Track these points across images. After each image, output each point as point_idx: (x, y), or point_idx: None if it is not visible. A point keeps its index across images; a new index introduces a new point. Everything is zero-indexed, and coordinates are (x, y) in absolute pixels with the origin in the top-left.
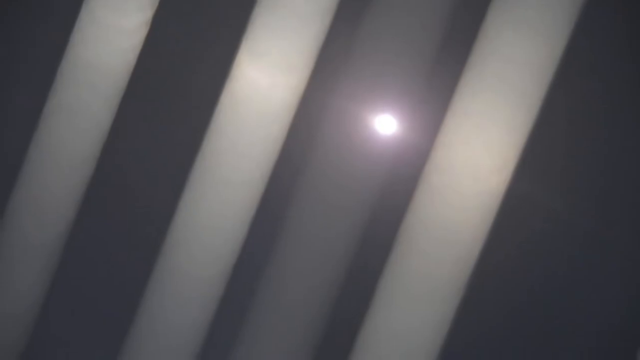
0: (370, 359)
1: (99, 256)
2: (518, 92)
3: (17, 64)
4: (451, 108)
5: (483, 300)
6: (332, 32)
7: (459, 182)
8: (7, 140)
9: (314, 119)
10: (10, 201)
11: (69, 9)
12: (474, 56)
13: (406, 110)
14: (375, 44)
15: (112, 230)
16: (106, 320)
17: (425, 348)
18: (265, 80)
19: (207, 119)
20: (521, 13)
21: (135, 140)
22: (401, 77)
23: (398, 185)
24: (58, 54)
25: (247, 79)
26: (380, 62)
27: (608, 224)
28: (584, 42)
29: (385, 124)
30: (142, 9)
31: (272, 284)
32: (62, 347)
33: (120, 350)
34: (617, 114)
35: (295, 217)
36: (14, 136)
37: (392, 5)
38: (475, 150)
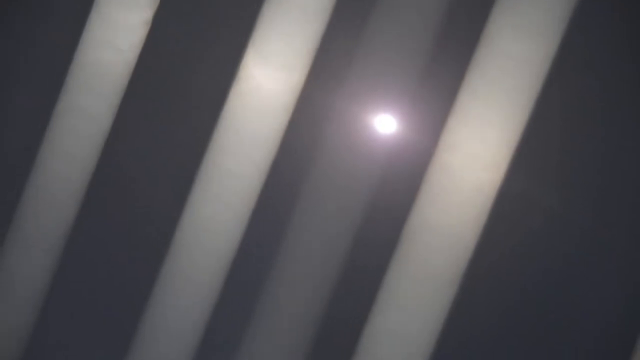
0: (371, 359)
1: (103, 257)
2: (518, 90)
3: (24, 64)
4: (453, 107)
5: (485, 299)
6: (336, 32)
7: (461, 181)
8: (12, 142)
9: (318, 120)
10: (17, 202)
11: (76, 10)
12: (476, 55)
13: (410, 110)
14: (378, 44)
15: (117, 231)
16: (106, 323)
17: (426, 348)
18: (270, 80)
19: (213, 119)
20: (521, 12)
21: (140, 141)
22: (403, 77)
23: (401, 184)
24: (66, 55)
25: (252, 79)
26: (384, 62)
27: (605, 222)
28: (580, 39)
29: (388, 124)
30: (146, 6)
31: (276, 284)
32: (62, 350)
33: (121, 353)
34: (613, 112)
35: (299, 217)
36: (17, 137)
37: (395, 7)
38: (477, 149)
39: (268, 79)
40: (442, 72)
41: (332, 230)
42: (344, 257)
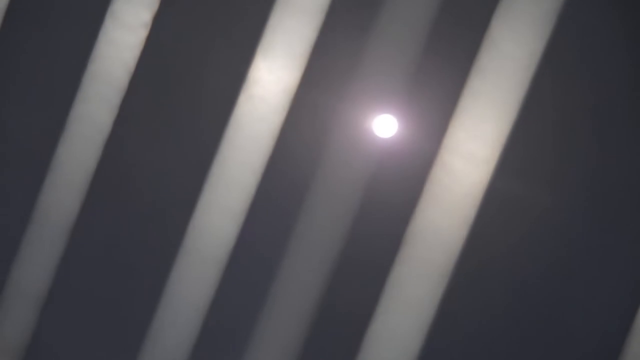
0: (374, 358)
1: (106, 258)
2: (520, 91)
3: (37, 69)
4: (455, 108)
5: (487, 298)
6: (339, 35)
7: (463, 181)
8: (16, 144)
9: (322, 121)
10: (32, 204)
11: (89, 15)
12: (478, 57)
13: (413, 111)
14: (382, 47)
15: (123, 233)
16: (108, 323)
17: (428, 347)
18: (274, 82)
19: (221, 121)
20: (522, 15)
21: (148, 143)
22: (406, 79)
23: (403, 185)
24: (79, 60)
25: (258, 82)
26: (388, 64)
27: (604, 223)
28: (574, 38)
29: (392, 126)
30: (148, 8)
31: (279, 284)
32: (64, 350)
33: (122, 353)
34: (614, 112)
35: (304, 217)
36: (23, 142)
37: (397, 8)
38: (478, 150)
39: (273, 81)
40: (444, 73)
41: (335, 230)
42: (346, 258)
